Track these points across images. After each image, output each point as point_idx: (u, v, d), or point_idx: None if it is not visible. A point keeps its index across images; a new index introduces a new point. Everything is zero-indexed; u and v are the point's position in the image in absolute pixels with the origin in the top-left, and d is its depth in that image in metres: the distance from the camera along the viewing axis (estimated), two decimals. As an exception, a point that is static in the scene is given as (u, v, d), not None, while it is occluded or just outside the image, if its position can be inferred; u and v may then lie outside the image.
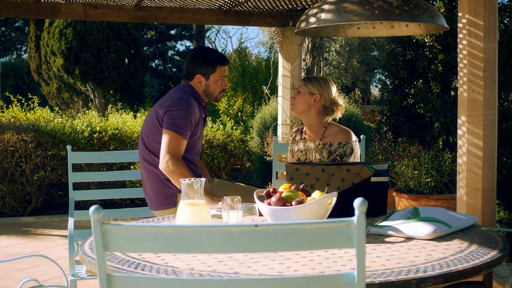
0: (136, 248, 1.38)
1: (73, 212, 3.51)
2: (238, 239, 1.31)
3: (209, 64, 3.68)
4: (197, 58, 3.70)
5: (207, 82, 3.69)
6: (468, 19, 4.95)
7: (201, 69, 3.68)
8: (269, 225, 1.33)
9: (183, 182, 2.58)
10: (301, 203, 2.49)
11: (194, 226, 1.34)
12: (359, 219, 1.32)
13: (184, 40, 24.37)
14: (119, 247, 1.36)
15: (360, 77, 19.26)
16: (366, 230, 2.56)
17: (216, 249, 1.37)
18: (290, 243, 1.32)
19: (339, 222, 1.34)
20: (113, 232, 1.34)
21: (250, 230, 1.31)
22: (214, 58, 3.71)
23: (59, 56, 11.42)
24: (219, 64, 3.70)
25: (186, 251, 1.33)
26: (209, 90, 3.72)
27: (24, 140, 7.83)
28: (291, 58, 8.45)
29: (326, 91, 3.63)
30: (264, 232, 1.31)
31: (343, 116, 10.65)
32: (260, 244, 1.32)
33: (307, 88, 3.63)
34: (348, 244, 1.35)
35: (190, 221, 2.55)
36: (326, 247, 1.38)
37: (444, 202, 5.41)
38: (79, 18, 7.99)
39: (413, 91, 8.30)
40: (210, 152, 8.51)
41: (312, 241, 1.33)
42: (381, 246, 2.35)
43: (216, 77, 3.70)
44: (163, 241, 1.33)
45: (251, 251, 1.33)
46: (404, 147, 5.93)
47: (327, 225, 1.34)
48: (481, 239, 2.45)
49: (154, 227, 1.34)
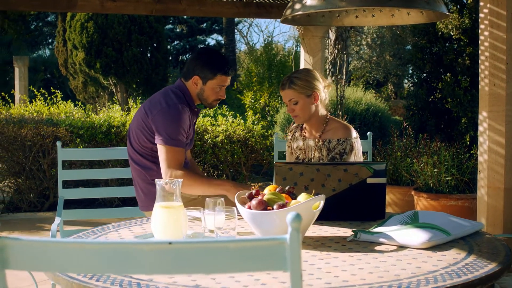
0: (40, 266, 1.20)
1: (61, 211, 3.35)
2: (149, 258, 1.12)
3: (209, 69, 3.40)
4: (199, 58, 3.43)
5: (203, 87, 3.42)
6: (490, 8, 4.67)
7: (201, 72, 3.40)
8: (185, 242, 1.13)
9: (158, 183, 2.40)
10: (284, 207, 2.29)
11: (99, 242, 1.15)
12: (293, 237, 1.11)
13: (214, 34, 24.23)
14: (20, 265, 1.18)
15: (392, 71, 18.85)
16: (356, 236, 2.35)
17: (124, 270, 1.17)
18: (210, 264, 1.12)
19: (269, 241, 1.14)
20: (12, 247, 1.16)
21: (163, 249, 1.12)
22: (217, 65, 3.41)
23: (80, 50, 11.34)
24: (220, 73, 3.40)
25: (92, 270, 1.14)
26: (203, 95, 3.44)
27: (42, 134, 7.75)
28: (313, 51, 8.21)
29: (317, 82, 3.38)
30: (180, 251, 1.12)
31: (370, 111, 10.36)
32: (174, 265, 1.12)
33: (301, 94, 3.35)
34: (280, 267, 1.14)
35: (165, 225, 2.37)
36: (253, 270, 1.17)
37: (465, 202, 5.13)
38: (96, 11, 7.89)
39: (440, 85, 8.00)
40: (230, 148, 8.33)
41: (236, 262, 1.13)
42: (368, 256, 2.13)
43: (213, 85, 3.41)
44: (68, 259, 1.15)
45: (164, 273, 1.14)
46: (425, 143, 5.66)
47: (254, 244, 1.14)
48: (481, 249, 2.22)
49: (57, 243, 1.15)
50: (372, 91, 12.69)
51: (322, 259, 2.09)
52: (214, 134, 8.12)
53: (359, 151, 3.36)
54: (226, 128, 8.39)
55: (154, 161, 3.37)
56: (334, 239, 2.40)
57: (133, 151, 3.43)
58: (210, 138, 8.06)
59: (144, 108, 3.38)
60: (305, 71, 3.43)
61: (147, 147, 3.36)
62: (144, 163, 3.38)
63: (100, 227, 2.70)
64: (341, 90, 8.47)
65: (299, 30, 8.29)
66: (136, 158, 3.42)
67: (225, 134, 8.29)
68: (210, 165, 8.38)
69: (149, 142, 3.34)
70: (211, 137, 8.08)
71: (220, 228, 2.38)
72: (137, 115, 3.42)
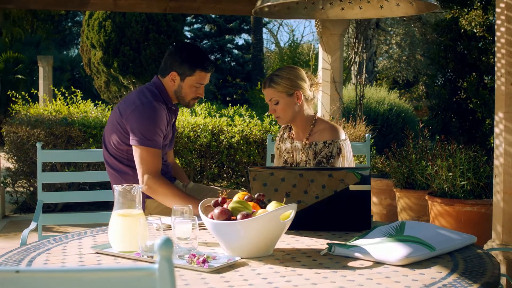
0: None
1: (38, 216, 3.18)
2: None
3: (188, 65, 3.17)
4: (178, 53, 3.21)
5: (181, 84, 3.19)
6: (506, 3, 4.38)
7: (179, 68, 3.18)
8: (35, 271, 0.94)
9: (116, 189, 2.21)
10: (248, 217, 2.08)
11: None
12: (163, 267, 0.91)
13: (242, 33, 24.04)
14: None
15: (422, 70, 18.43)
16: (330, 250, 2.13)
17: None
18: (62, 299, 0.92)
19: (134, 271, 0.93)
20: None
21: (10, 278, 0.92)
22: (196, 60, 3.18)
23: (98, 49, 11.24)
24: (199, 69, 3.17)
25: None
26: (180, 93, 3.22)
27: (55, 134, 7.65)
28: (331, 50, 7.96)
29: (301, 81, 3.12)
30: (27, 281, 0.92)
31: (393, 111, 10.07)
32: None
33: (281, 93, 3.10)
34: (148, 303, 0.94)
35: (121, 235, 2.18)
36: (115, 306, 0.97)
37: (481, 208, 4.85)
38: (109, 9, 7.75)
39: (466, 84, 7.68)
40: (246, 149, 8.12)
41: (95, 297, 0.93)
42: (336, 274, 1.90)
43: (192, 82, 3.19)
44: None
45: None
46: (443, 145, 5.37)
47: (117, 274, 0.93)
48: (468, 267, 1.97)
49: None
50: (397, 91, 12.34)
51: (283, 277, 1.88)
52: (230, 135, 7.93)
53: (349, 154, 3.12)
54: (243, 128, 8.19)
55: (130, 165, 3.18)
56: (307, 253, 2.18)
57: (108, 154, 3.24)
58: (226, 139, 7.87)
59: (118, 109, 3.19)
60: (288, 69, 3.17)
61: (122, 149, 3.17)
62: (119, 167, 3.20)
63: (65, 235, 2.53)
64: (360, 90, 8.21)
65: (317, 28, 8.05)
66: (111, 162, 3.23)
67: (241, 134, 8.09)
68: (229, 166, 8.19)
69: (124, 144, 3.14)
70: (226, 137, 7.89)
71: (184, 238, 2.17)
72: (111, 117, 3.22)
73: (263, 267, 1.99)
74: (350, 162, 3.14)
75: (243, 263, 2.04)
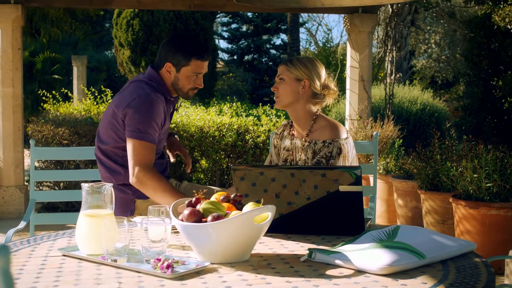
0: None
1: (29, 215, 3.08)
2: None
3: (182, 54, 3.05)
4: (171, 44, 3.09)
5: (177, 75, 3.07)
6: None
7: (173, 58, 3.06)
8: None
9: (83, 187, 2.07)
10: (219, 219, 1.91)
11: None
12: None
13: (280, 33, 23.86)
14: None
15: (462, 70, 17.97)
16: (311, 256, 1.95)
17: None
18: None
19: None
20: None
21: None
22: (191, 49, 3.06)
23: (126, 48, 11.19)
24: (194, 57, 3.05)
25: None
26: (178, 84, 3.10)
27: (79, 133, 7.61)
28: (359, 48, 7.73)
29: (315, 75, 2.97)
30: None
31: (426, 111, 9.76)
32: None
33: (291, 74, 2.96)
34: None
35: (88, 237, 2.04)
36: None
37: (508, 211, 4.59)
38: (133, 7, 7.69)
39: (500, 83, 7.37)
40: (269, 148, 7.97)
41: None
42: (309, 284, 1.72)
43: (188, 72, 3.07)
44: None
45: None
46: (470, 146, 5.11)
47: None
48: (458, 277, 1.77)
49: None
50: (430, 91, 12.00)
51: (249, 285, 1.71)
52: (256, 134, 7.77)
53: (351, 154, 2.92)
54: (269, 128, 8.03)
55: (123, 165, 3.05)
56: (286, 259, 2.00)
57: (101, 152, 3.12)
58: (252, 138, 7.71)
59: (114, 104, 3.07)
60: (309, 59, 3.07)
61: (119, 147, 3.05)
62: (112, 166, 3.07)
63: (40, 235, 2.40)
64: (390, 89, 7.97)
65: (346, 25, 7.84)
66: (104, 160, 3.11)
67: (267, 134, 7.93)
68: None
69: (122, 140, 3.03)
70: (252, 137, 7.73)
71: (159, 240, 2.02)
72: (106, 113, 3.09)
73: (232, 274, 1.83)
74: (354, 162, 2.95)
75: (212, 269, 1.88)
